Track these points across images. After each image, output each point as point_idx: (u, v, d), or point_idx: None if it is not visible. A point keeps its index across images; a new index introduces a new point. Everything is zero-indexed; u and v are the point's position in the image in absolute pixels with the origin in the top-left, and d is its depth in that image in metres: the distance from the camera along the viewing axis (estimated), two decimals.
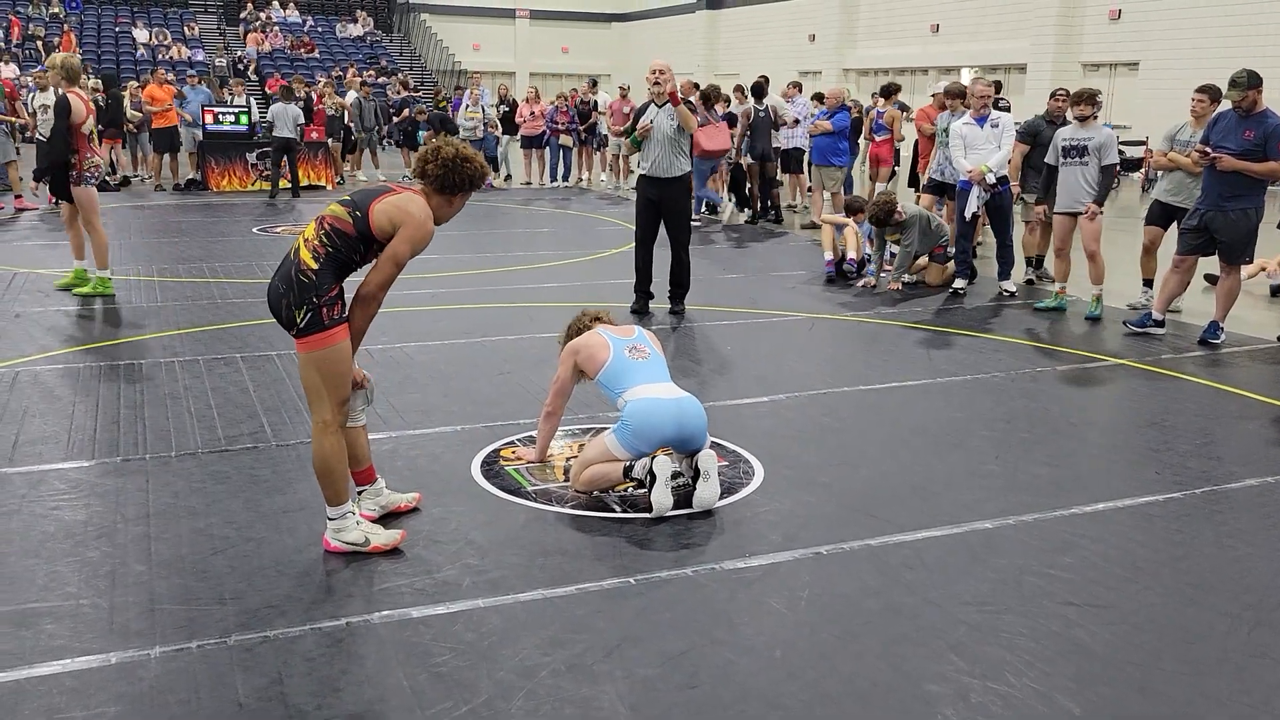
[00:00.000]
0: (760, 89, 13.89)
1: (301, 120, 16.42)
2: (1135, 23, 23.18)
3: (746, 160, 14.13)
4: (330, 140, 17.73)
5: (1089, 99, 8.28)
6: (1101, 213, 8.28)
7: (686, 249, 8.24)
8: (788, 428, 5.44)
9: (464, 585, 3.61)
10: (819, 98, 14.71)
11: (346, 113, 18.36)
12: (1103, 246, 8.37)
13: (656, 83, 7.83)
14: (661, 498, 4.18)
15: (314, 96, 18.17)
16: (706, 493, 4.27)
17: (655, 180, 7.99)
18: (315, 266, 3.65)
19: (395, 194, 3.76)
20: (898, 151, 15.10)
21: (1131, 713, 2.94)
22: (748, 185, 14.46)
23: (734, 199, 14.97)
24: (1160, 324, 7.68)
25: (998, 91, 9.39)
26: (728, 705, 2.93)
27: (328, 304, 3.65)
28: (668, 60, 8.14)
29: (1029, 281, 9.85)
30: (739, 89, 15.10)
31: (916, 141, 13.90)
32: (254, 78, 29.58)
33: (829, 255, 9.89)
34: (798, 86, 15.27)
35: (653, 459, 4.26)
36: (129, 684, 2.96)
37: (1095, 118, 8.28)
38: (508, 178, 19.53)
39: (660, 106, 7.89)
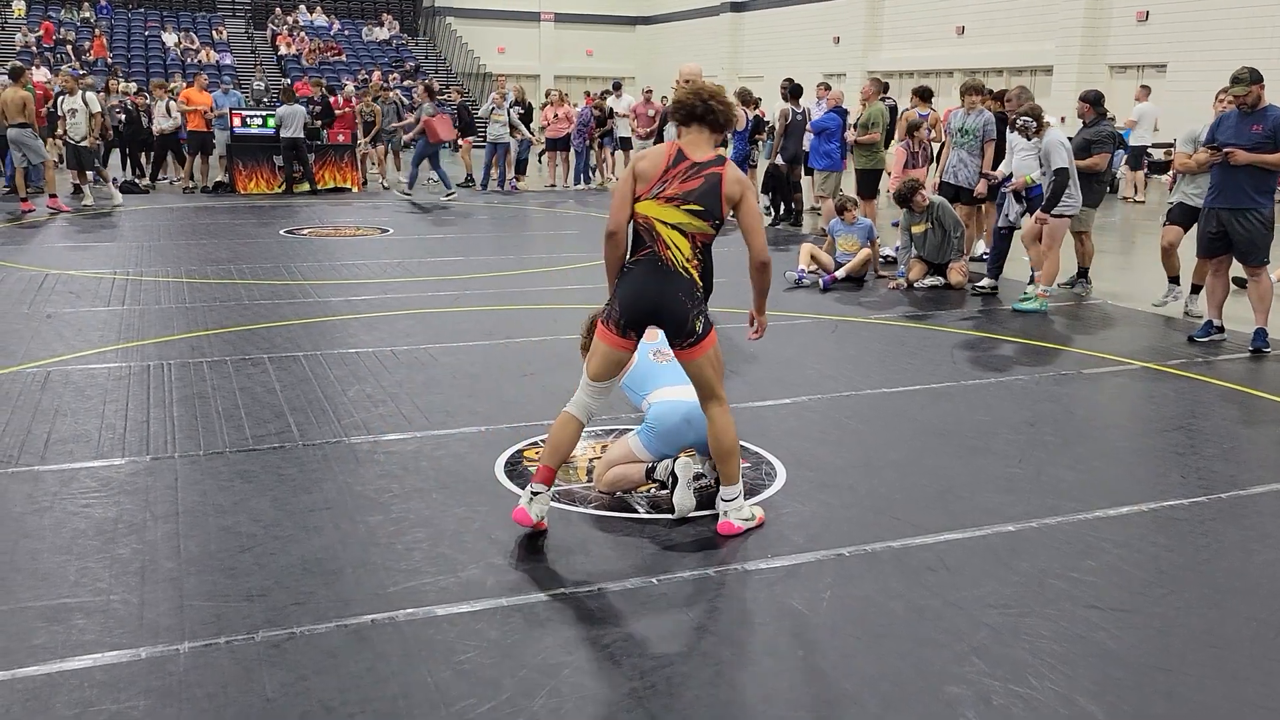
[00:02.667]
0: (799, 90, 13.74)
1: (307, 120, 16.61)
2: (1163, 24, 23.01)
3: (780, 162, 14.00)
4: (365, 143, 17.76)
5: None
6: (1048, 220, 8.45)
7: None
8: (810, 430, 5.45)
9: (487, 584, 3.63)
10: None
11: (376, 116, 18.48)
12: (1131, 246, 8.33)
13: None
14: (683, 499, 4.20)
15: (330, 99, 18.29)
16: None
17: None
18: (700, 282, 4.09)
19: (718, 172, 4.01)
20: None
21: (1155, 717, 2.93)
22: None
23: (768, 201, 14.87)
24: (1221, 329, 7.62)
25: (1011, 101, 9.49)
26: (750, 705, 2.94)
27: (705, 309, 4.10)
28: (693, 63, 8.16)
29: (1074, 290, 9.69)
30: (741, 96, 15.04)
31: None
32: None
33: (802, 266, 9.79)
34: (826, 88, 15.20)
35: (675, 460, 4.28)
36: (158, 678, 3.01)
37: (1039, 131, 8.50)
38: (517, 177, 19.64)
39: None
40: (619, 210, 4.10)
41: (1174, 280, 8.69)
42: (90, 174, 14.88)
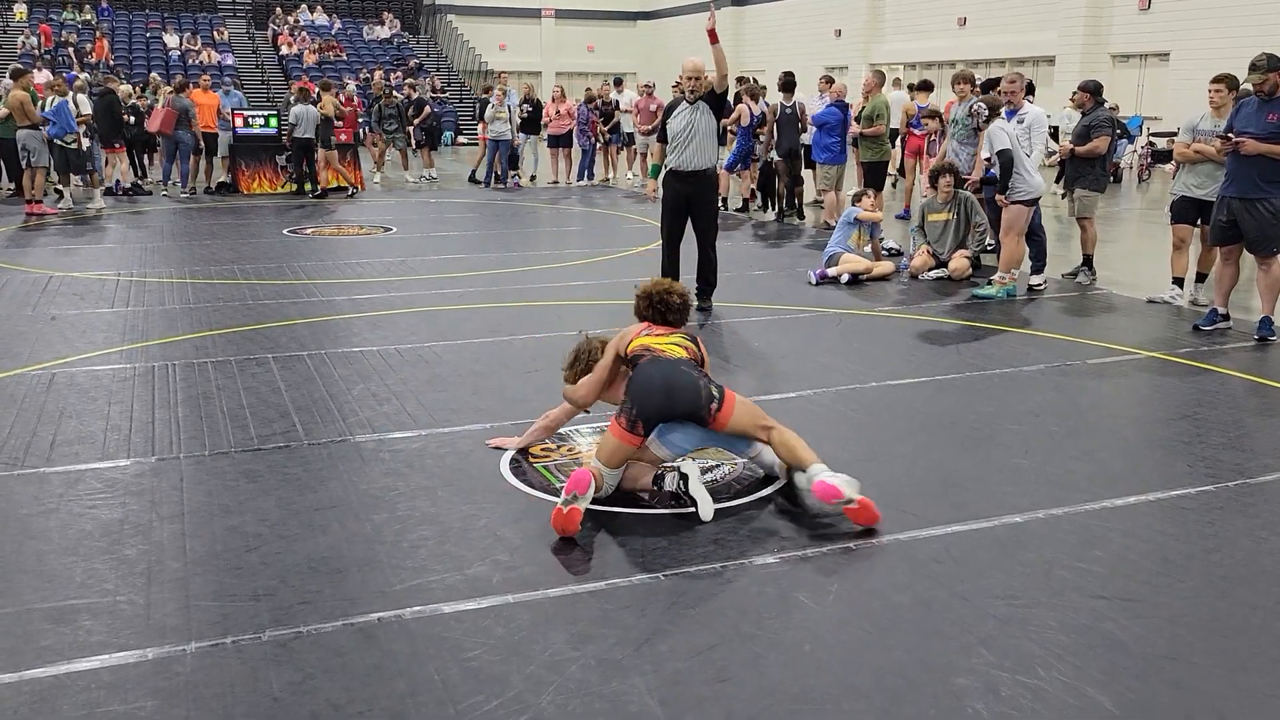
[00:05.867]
0: (789, 84, 13.71)
1: (318, 121, 16.59)
2: (1165, 12, 22.95)
3: (774, 157, 13.97)
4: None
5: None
6: (1006, 203, 8.63)
7: (714, 246, 8.24)
8: (815, 423, 5.43)
9: (494, 581, 3.63)
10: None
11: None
12: (1135, 237, 8.30)
13: (693, 90, 7.88)
14: (703, 500, 4.14)
15: (342, 98, 18.29)
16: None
17: (685, 175, 8.00)
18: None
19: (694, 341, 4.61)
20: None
21: (1163, 706, 2.92)
22: (778, 183, 14.29)
23: (759, 196, 14.86)
24: (1227, 318, 7.58)
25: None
26: (757, 699, 2.94)
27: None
28: (695, 57, 8.15)
29: (1077, 279, 9.69)
30: (749, 91, 15.01)
31: (904, 135, 14.00)
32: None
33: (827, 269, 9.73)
34: (828, 81, 15.14)
35: (679, 466, 4.24)
36: (165, 679, 3.01)
37: (988, 121, 8.92)
38: (533, 178, 19.58)
39: (692, 105, 7.91)
40: (594, 391, 4.60)
41: (1178, 281, 8.58)
42: (78, 177, 14.85)
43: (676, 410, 4.24)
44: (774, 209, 14.29)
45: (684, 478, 4.22)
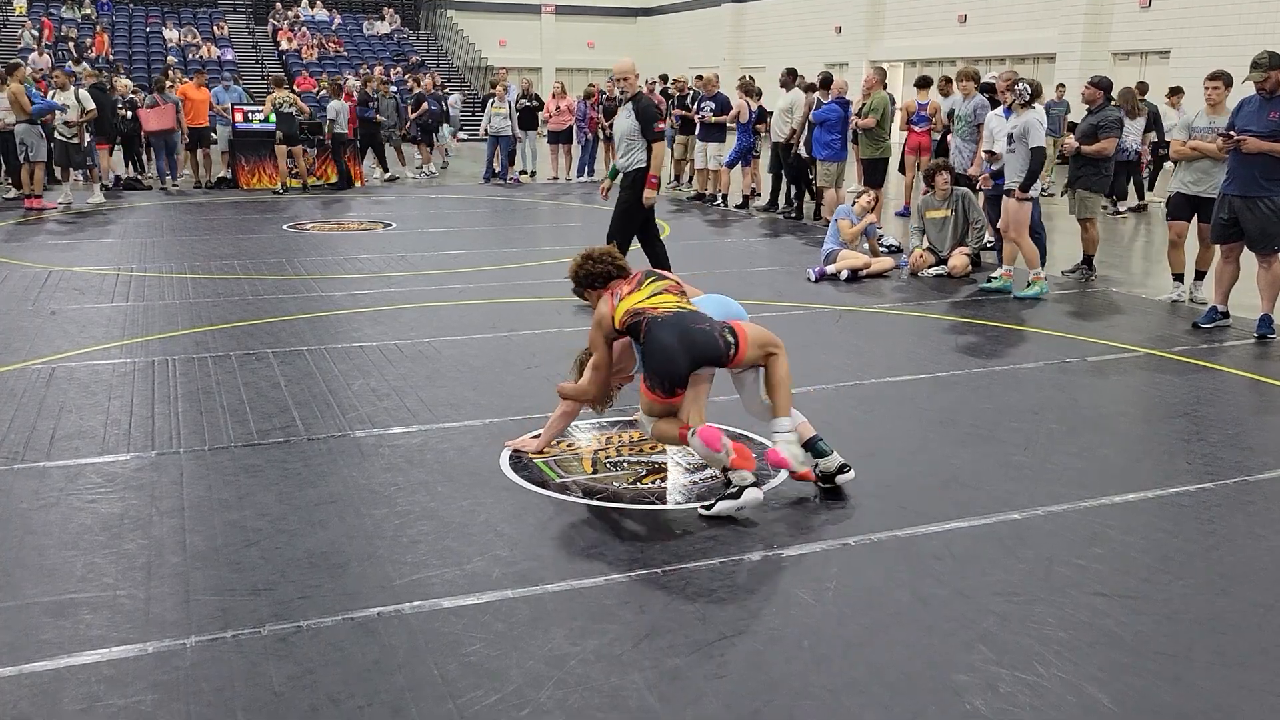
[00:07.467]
0: (829, 80, 13.52)
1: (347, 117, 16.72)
2: (1166, 10, 22.93)
3: (803, 152, 13.81)
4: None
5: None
6: (1028, 197, 8.55)
7: (637, 239, 8.50)
8: (815, 419, 5.40)
9: (493, 576, 3.64)
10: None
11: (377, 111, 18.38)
12: (1134, 233, 8.29)
13: (623, 91, 8.28)
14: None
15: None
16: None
17: (623, 173, 8.42)
18: None
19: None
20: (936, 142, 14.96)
21: (1163, 703, 2.92)
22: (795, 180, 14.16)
23: (793, 192, 14.59)
24: (1226, 315, 7.59)
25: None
26: (756, 694, 2.94)
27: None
28: (626, 58, 8.42)
29: (1080, 276, 9.69)
30: (745, 87, 15.06)
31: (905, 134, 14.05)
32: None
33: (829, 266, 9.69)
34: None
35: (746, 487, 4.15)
36: (166, 673, 3.01)
37: (1027, 104, 8.59)
38: (532, 174, 19.56)
39: (623, 105, 8.22)
40: (604, 385, 4.63)
41: (1178, 278, 8.58)
42: (77, 172, 14.81)
43: (702, 363, 4.27)
44: (808, 204, 14.07)
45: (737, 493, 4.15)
